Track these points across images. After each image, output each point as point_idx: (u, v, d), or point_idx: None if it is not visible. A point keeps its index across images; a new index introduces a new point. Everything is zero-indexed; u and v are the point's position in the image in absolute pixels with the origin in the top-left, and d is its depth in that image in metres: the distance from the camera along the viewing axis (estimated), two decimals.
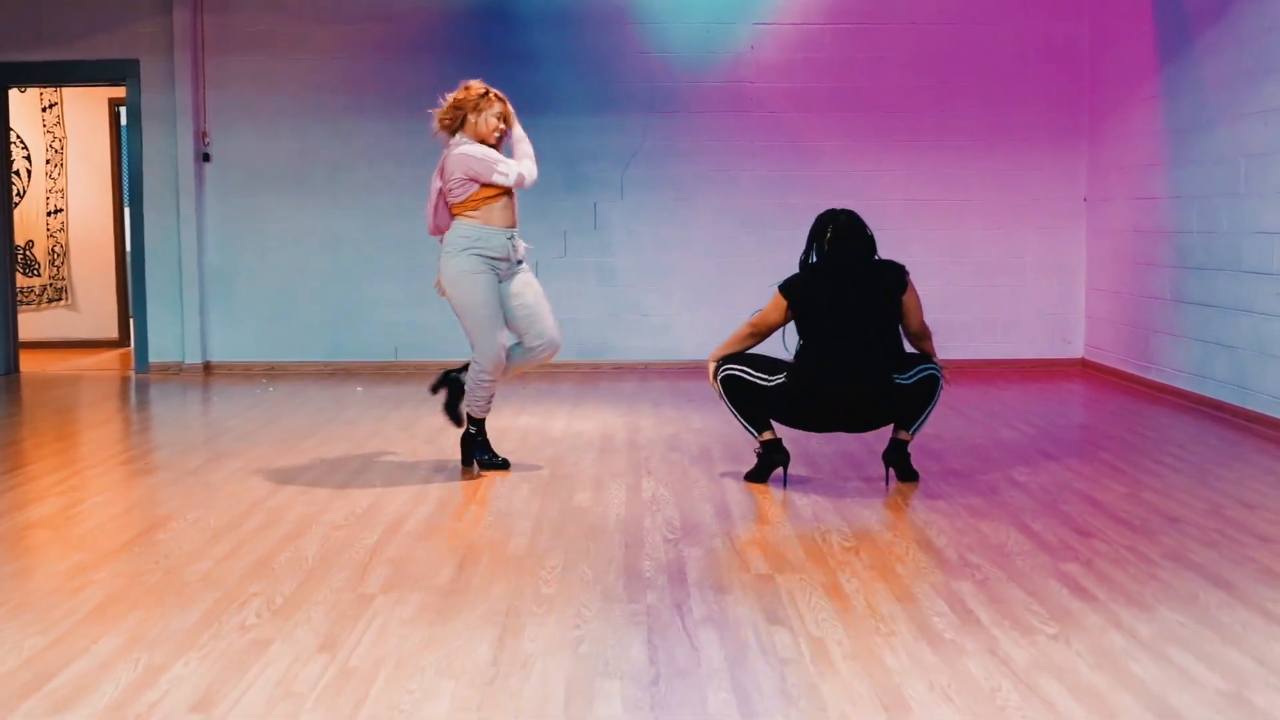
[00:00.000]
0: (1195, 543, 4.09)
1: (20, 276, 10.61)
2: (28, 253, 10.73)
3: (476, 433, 5.38)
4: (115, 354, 10.31)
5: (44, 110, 10.70)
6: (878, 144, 8.78)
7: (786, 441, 5.11)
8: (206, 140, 8.82)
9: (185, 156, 8.75)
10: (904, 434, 4.98)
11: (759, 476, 5.06)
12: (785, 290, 4.92)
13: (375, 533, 4.30)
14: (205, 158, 8.83)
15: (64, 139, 10.76)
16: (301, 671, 3.00)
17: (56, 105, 10.72)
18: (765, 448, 5.01)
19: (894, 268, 4.91)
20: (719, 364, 5.01)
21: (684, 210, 8.85)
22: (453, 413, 5.44)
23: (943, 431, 6.13)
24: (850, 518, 4.48)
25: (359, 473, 5.34)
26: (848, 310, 4.81)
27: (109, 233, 10.85)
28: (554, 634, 3.25)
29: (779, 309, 4.93)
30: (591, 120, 8.72)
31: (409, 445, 5.99)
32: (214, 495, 4.93)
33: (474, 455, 5.38)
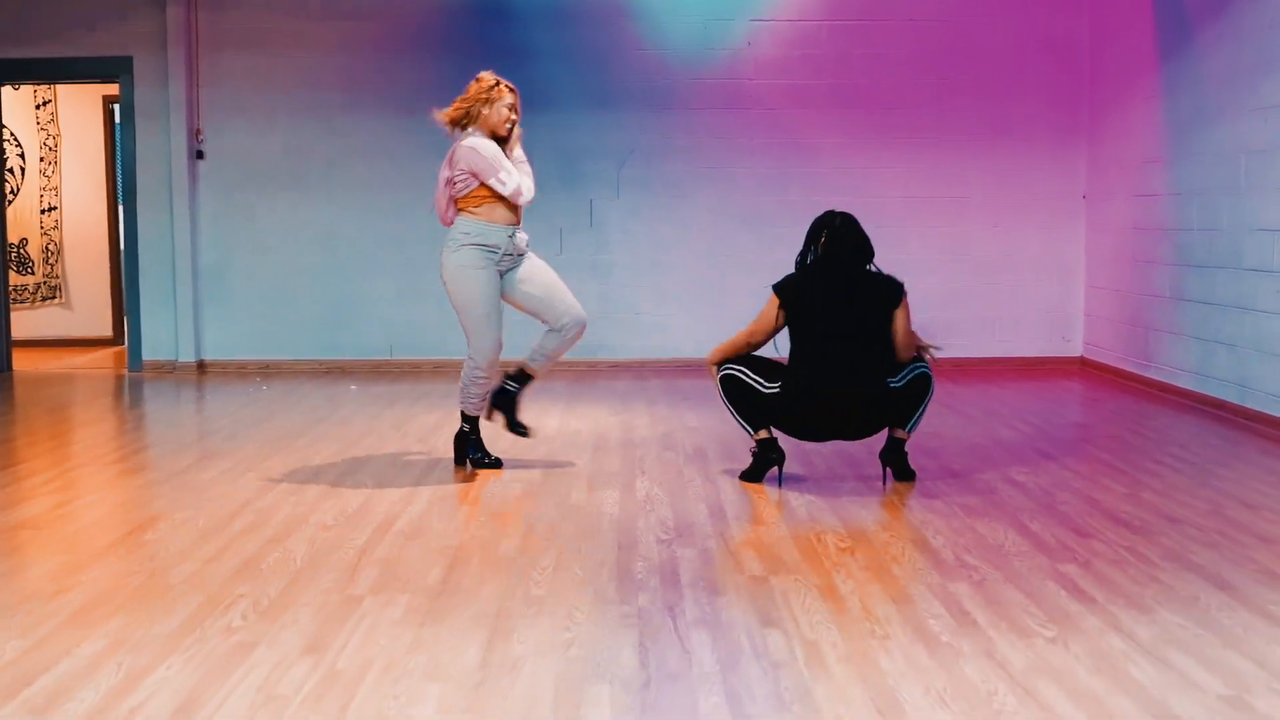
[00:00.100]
0: (1195, 543, 4.03)
1: (14, 274, 10.55)
2: (21, 250, 10.67)
3: (470, 431, 5.33)
4: (109, 352, 10.25)
5: (38, 107, 10.65)
6: (876, 141, 8.73)
7: (782, 440, 5.06)
8: (200, 137, 8.77)
9: (179, 154, 8.69)
10: (900, 432, 4.94)
11: (754, 476, 5.01)
12: (778, 290, 4.88)
13: (365, 533, 4.25)
14: (199, 155, 8.77)
15: (58, 136, 10.71)
16: (286, 674, 2.95)
17: (51, 102, 10.67)
18: (761, 447, 4.96)
19: (892, 283, 4.84)
20: (721, 363, 4.98)
21: (681, 208, 8.80)
22: (515, 426, 5.34)
23: (940, 430, 6.08)
24: (846, 518, 4.43)
25: (350, 472, 5.29)
26: (841, 311, 4.77)
27: (103, 230, 10.80)
28: (544, 636, 3.19)
29: (773, 309, 4.88)
30: (588, 117, 8.66)
31: (401, 444, 5.94)
32: (203, 495, 4.87)
33: (467, 454, 5.32)
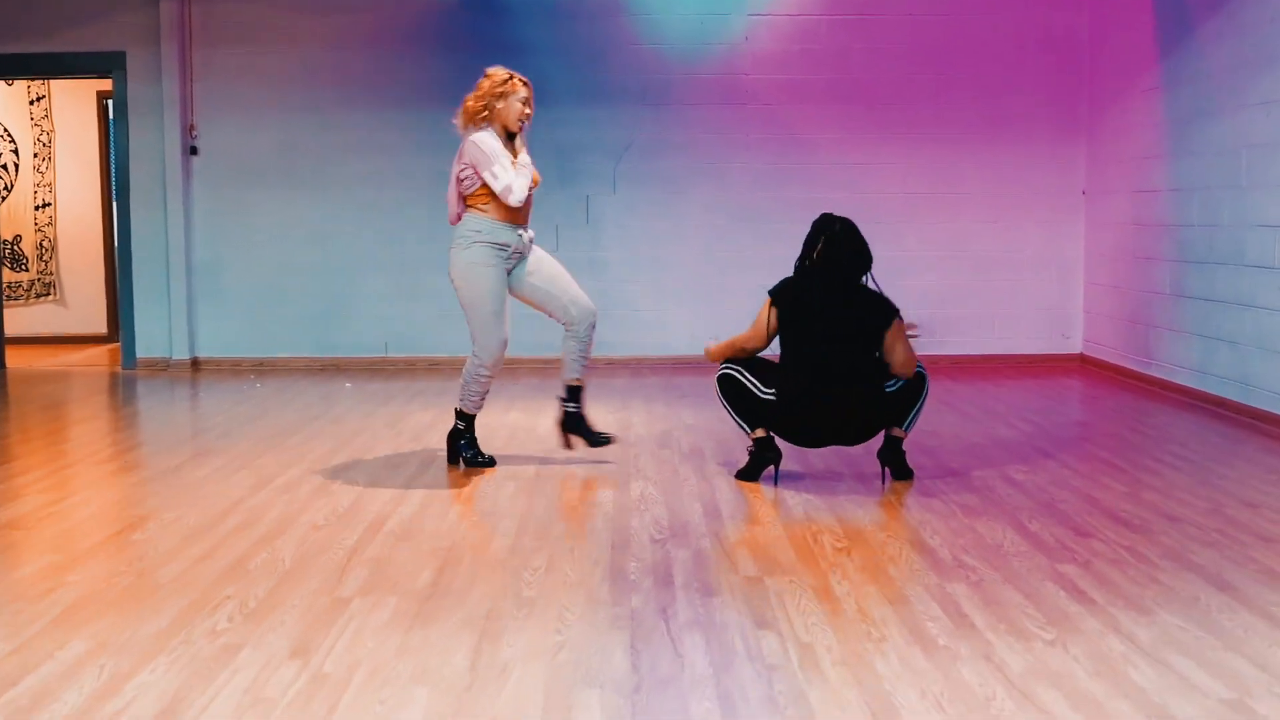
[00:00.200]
0: (1196, 543, 3.98)
1: (8, 271, 10.50)
2: (15, 247, 10.61)
3: (464, 429, 5.27)
4: (104, 350, 10.19)
5: (32, 103, 10.59)
6: (874, 137, 8.67)
7: (779, 441, 5.00)
8: (194, 133, 8.71)
9: (172, 150, 8.64)
10: (898, 431, 4.89)
11: (750, 475, 4.95)
12: (773, 294, 4.84)
13: (355, 533, 4.20)
14: (193, 151, 8.71)
15: (52, 132, 10.65)
16: (272, 678, 2.90)
17: (45, 98, 10.60)
18: (757, 445, 4.91)
19: (885, 304, 4.76)
20: (721, 363, 4.94)
21: (678, 204, 8.74)
22: (597, 439, 5.30)
23: (939, 428, 6.03)
24: (843, 517, 4.38)
25: (342, 471, 5.23)
26: (839, 314, 4.72)
27: (97, 227, 10.74)
28: (534, 639, 3.14)
29: (767, 314, 4.84)
30: (584, 113, 8.60)
31: (395, 442, 5.88)
32: (193, 494, 4.82)
33: (460, 453, 5.27)
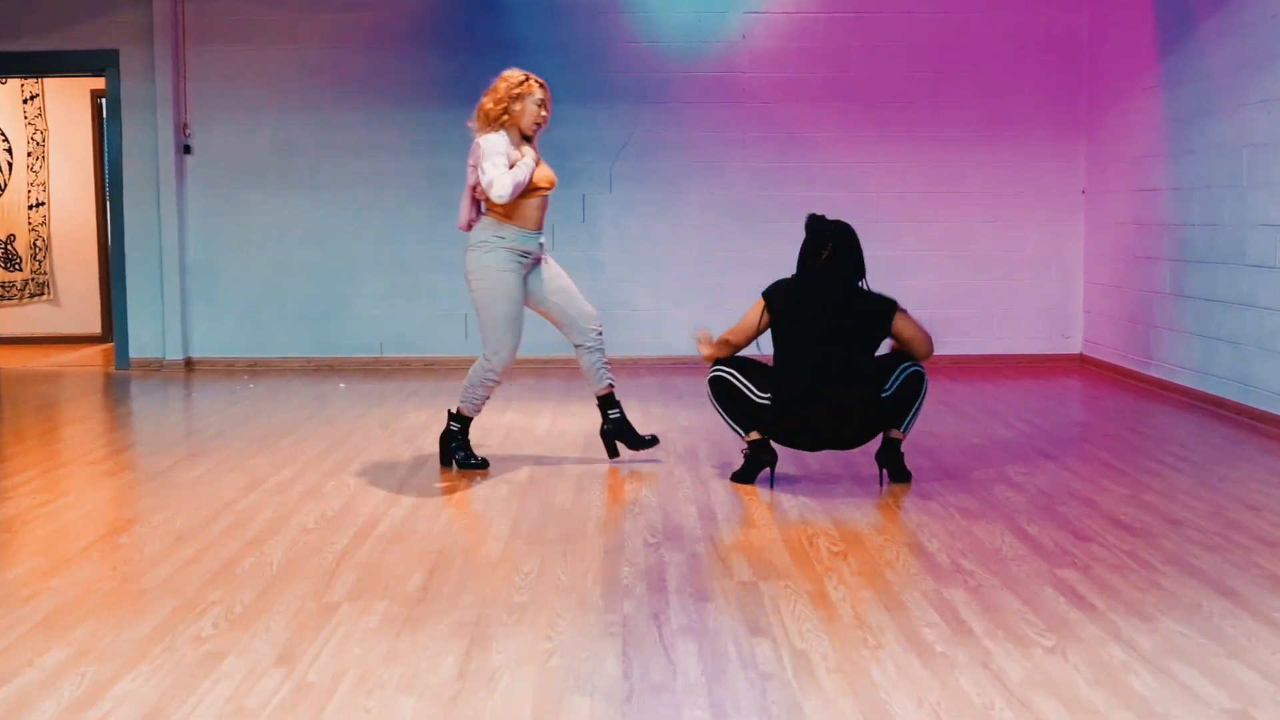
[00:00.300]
0: (1198, 547, 3.92)
1: (1, 271, 10.44)
2: (9, 247, 10.55)
3: (459, 431, 5.21)
4: (98, 350, 10.13)
5: (25, 102, 10.52)
6: (873, 135, 8.61)
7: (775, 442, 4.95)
8: (188, 132, 8.65)
9: (166, 148, 8.58)
10: (896, 432, 4.83)
11: (746, 477, 4.89)
12: (768, 295, 4.78)
13: (345, 536, 4.14)
14: (186, 150, 8.65)
15: (46, 131, 10.58)
16: (255, 686, 2.84)
17: (38, 97, 10.54)
18: (753, 447, 4.85)
19: (883, 303, 4.73)
20: (712, 366, 4.88)
21: (674, 203, 8.68)
22: (642, 442, 5.30)
23: (937, 429, 5.97)
24: (839, 520, 4.32)
25: (334, 473, 5.17)
26: (839, 315, 4.66)
27: (92, 227, 10.66)
28: (524, 646, 3.09)
29: (757, 313, 4.78)
30: (580, 111, 8.52)
31: (388, 444, 5.82)
32: (183, 496, 4.76)
33: (453, 454, 5.21)
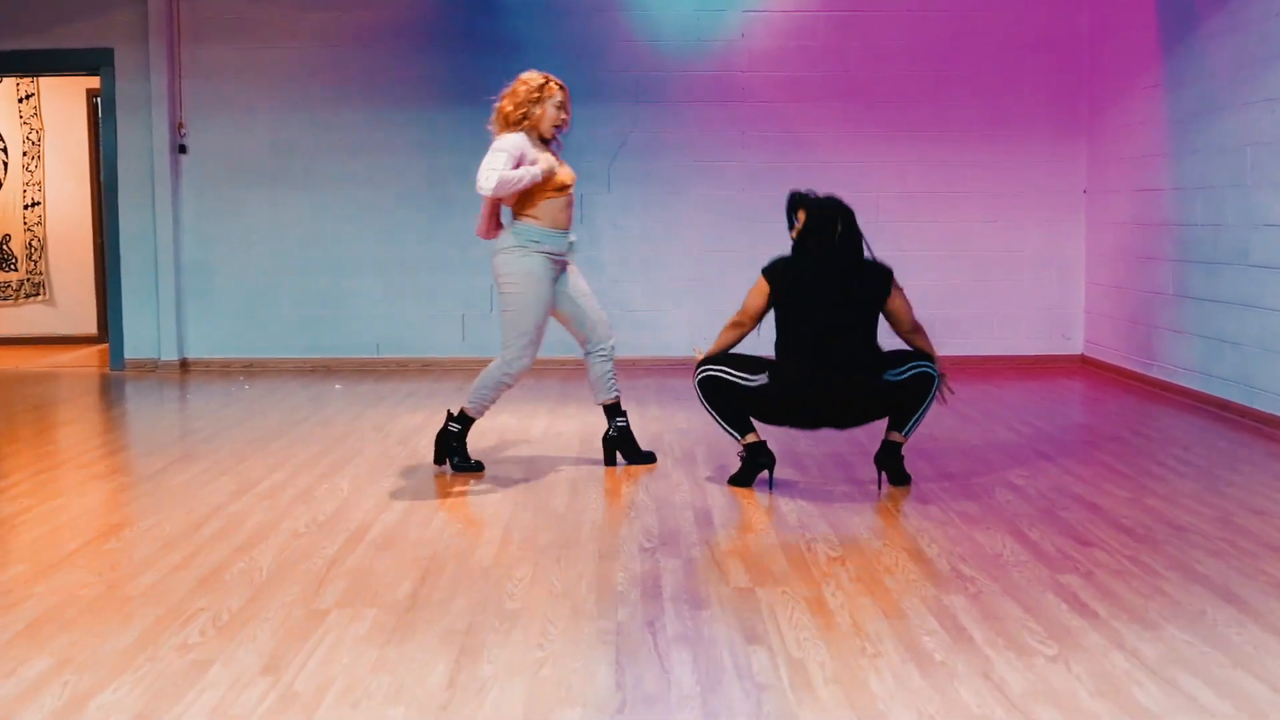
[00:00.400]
0: (1202, 553, 3.86)
1: None
2: (5, 247, 10.49)
3: (459, 432, 5.13)
4: (93, 350, 10.07)
5: (20, 101, 10.46)
6: (872, 135, 8.55)
7: (773, 442, 4.89)
8: (183, 131, 8.58)
9: (161, 148, 8.51)
10: (896, 435, 4.76)
11: (743, 480, 4.83)
12: (768, 274, 4.70)
13: (336, 542, 4.08)
14: (181, 149, 8.59)
15: (41, 130, 10.52)
16: (240, 696, 2.78)
17: (34, 96, 10.48)
18: (749, 450, 4.78)
19: (880, 270, 4.68)
20: (697, 367, 4.80)
21: (673, 203, 8.62)
22: (643, 458, 5.27)
23: (937, 432, 5.91)
24: (838, 524, 4.26)
25: (326, 476, 5.11)
26: (840, 294, 4.58)
27: (87, 227, 10.60)
28: (515, 655, 3.02)
29: (762, 293, 4.70)
30: (578, 111, 8.23)
31: (381, 446, 5.76)
32: (173, 500, 4.70)
33: (449, 455, 5.14)
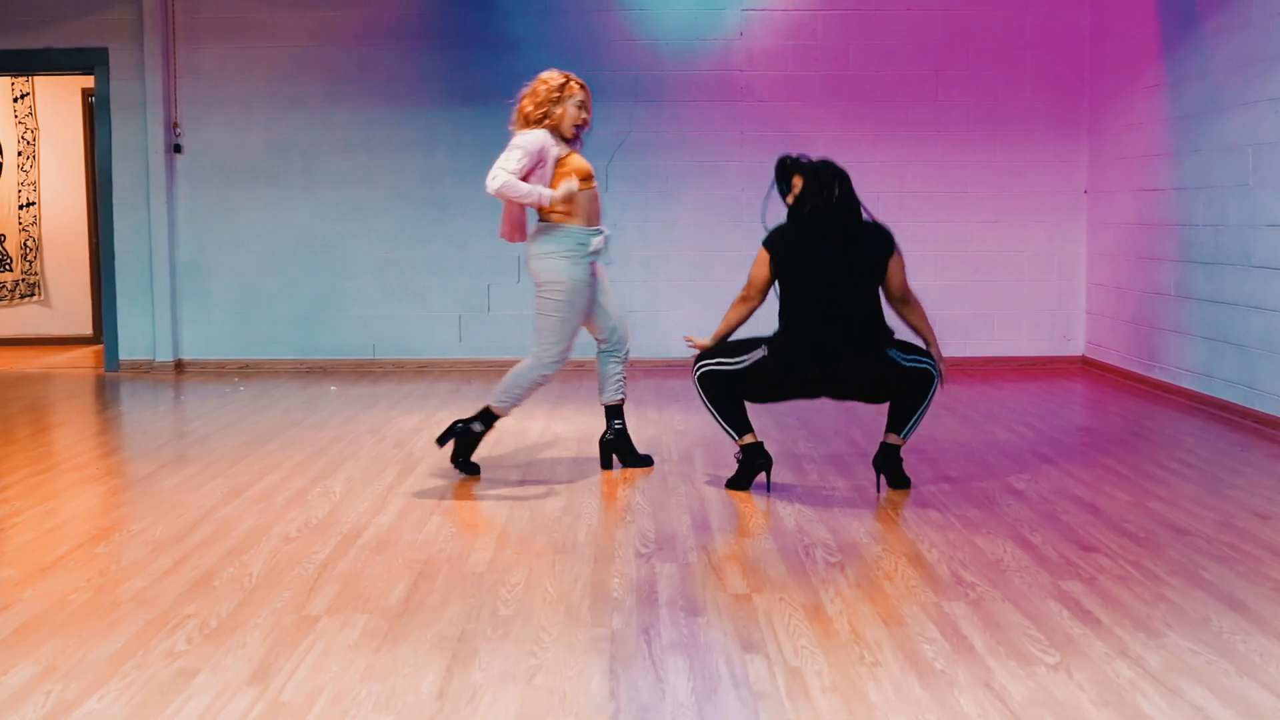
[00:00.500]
0: (1205, 558, 3.81)
1: None
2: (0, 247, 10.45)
3: (481, 432, 5.00)
4: (89, 351, 10.01)
5: (15, 101, 10.40)
6: (871, 134, 8.50)
7: (771, 444, 4.83)
8: (178, 131, 8.53)
9: (155, 148, 8.45)
10: (895, 438, 4.70)
11: (741, 483, 4.77)
12: (768, 244, 4.64)
13: (328, 546, 4.02)
14: (176, 149, 8.53)
15: (36, 130, 10.47)
16: (227, 706, 2.73)
17: (29, 95, 10.42)
18: (746, 452, 4.72)
19: (880, 231, 4.62)
20: (695, 363, 4.75)
21: (670, 203, 8.56)
22: (639, 461, 5.21)
23: (937, 434, 5.85)
24: (836, 529, 4.20)
25: (320, 479, 5.05)
26: (834, 260, 4.51)
27: (83, 227, 10.55)
28: (507, 663, 2.97)
29: (764, 264, 4.64)
30: None
31: (376, 449, 5.70)
32: (164, 504, 4.65)
33: (459, 452, 5.02)
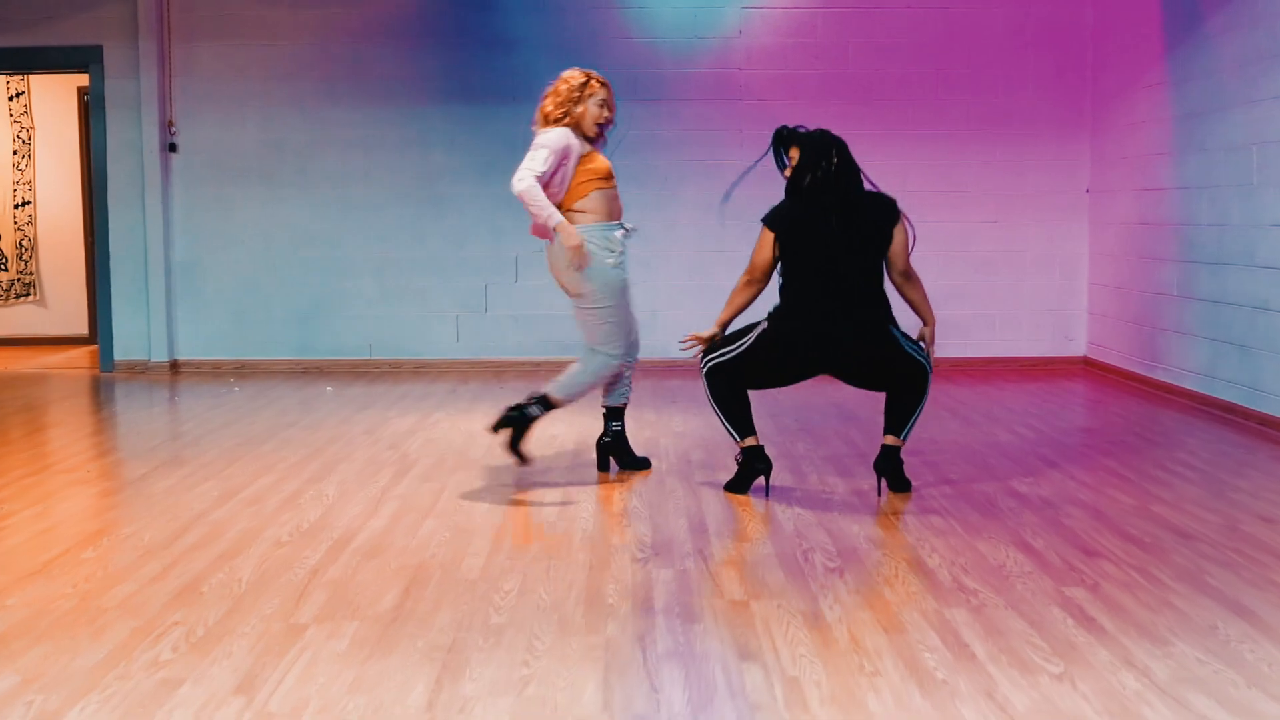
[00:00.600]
0: (1211, 563, 3.74)
1: None
2: None
3: (537, 418, 4.93)
4: (84, 351, 9.95)
5: (11, 99, 10.34)
6: (871, 133, 8.42)
7: (770, 447, 4.77)
8: (173, 130, 8.47)
9: (151, 146, 8.39)
10: (894, 439, 4.64)
11: (739, 487, 4.71)
12: (769, 222, 4.59)
13: (319, 551, 3.96)
14: (171, 148, 8.47)
15: (32, 129, 10.40)
16: (212, 718, 2.66)
17: (24, 94, 10.36)
18: (745, 455, 4.66)
19: (883, 200, 4.59)
20: (701, 359, 4.70)
21: (669, 203, 8.50)
22: (637, 463, 5.18)
23: (938, 435, 5.79)
24: (836, 533, 4.14)
25: (313, 481, 4.99)
26: (837, 230, 4.46)
27: (78, 226, 10.48)
28: (499, 672, 2.91)
29: (767, 243, 4.58)
30: None
31: (371, 451, 5.64)
32: (155, 507, 4.58)
33: (514, 440, 4.93)
